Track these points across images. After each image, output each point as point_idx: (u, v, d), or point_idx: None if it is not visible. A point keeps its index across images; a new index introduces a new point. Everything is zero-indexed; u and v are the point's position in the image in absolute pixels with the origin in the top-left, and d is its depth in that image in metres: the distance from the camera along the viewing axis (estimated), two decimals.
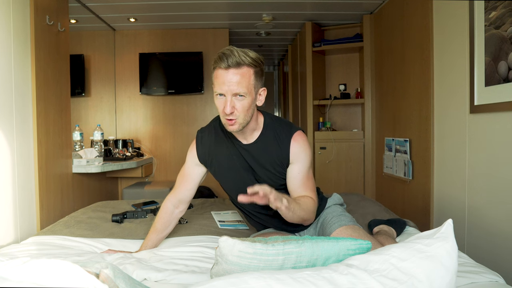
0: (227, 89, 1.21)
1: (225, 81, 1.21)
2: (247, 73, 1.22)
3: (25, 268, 0.70)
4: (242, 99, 1.23)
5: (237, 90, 1.21)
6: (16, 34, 1.94)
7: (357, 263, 0.82)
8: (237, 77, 1.20)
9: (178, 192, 1.53)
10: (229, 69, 1.20)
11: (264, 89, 1.32)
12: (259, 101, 1.32)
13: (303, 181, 1.38)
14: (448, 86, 2.24)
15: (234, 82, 1.20)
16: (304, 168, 1.38)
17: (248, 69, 1.22)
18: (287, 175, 1.40)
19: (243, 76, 1.21)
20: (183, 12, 3.44)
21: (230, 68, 1.20)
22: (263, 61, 1.28)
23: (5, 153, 1.83)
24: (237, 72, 1.21)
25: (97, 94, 3.85)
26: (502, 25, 1.72)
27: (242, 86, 1.21)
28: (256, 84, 1.26)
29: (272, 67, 6.54)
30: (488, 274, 1.12)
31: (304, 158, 1.37)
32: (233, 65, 1.20)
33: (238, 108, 1.24)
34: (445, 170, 2.29)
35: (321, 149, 3.83)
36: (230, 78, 1.20)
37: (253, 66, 1.23)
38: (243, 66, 1.21)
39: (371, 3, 3.31)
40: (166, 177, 3.97)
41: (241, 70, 1.21)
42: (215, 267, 0.95)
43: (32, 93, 2.08)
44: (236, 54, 1.20)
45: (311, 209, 1.36)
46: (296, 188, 1.39)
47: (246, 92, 1.23)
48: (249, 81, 1.23)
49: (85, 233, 1.71)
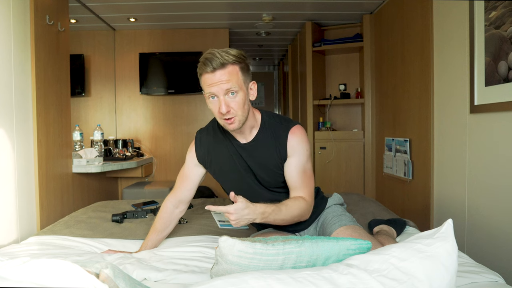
0: (217, 89, 1.22)
1: (214, 82, 1.22)
2: (233, 71, 1.23)
3: (25, 268, 0.70)
4: (235, 96, 1.24)
5: (228, 87, 1.22)
6: (16, 34, 1.94)
7: (357, 263, 0.82)
8: (225, 76, 1.22)
9: (178, 192, 1.53)
10: (215, 71, 1.22)
11: (253, 83, 1.33)
12: (251, 95, 1.32)
13: (300, 175, 1.36)
14: (448, 86, 2.24)
15: (223, 81, 1.22)
16: (300, 162, 1.36)
17: (233, 66, 1.24)
18: (284, 170, 1.38)
19: (230, 74, 1.23)
20: (183, 12, 3.44)
21: (216, 70, 1.21)
22: (245, 56, 1.28)
23: (5, 153, 1.83)
24: (224, 72, 1.22)
25: (97, 94, 3.85)
26: (502, 25, 1.72)
27: (232, 82, 1.22)
28: (244, 79, 1.27)
29: (272, 67, 6.54)
30: (488, 274, 1.12)
31: (301, 151, 1.36)
32: (218, 66, 1.21)
33: (233, 106, 1.24)
34: (445, 170, 2.29)
35: (321, 149, 3.83)
36: (219, 79, 1.22)
37: (237, 62, 1.25)
38: (228, 65, 1.22)
39: (371, 3, 3.31)
40: (166, 177, 3.97)
41: (227, 69, 1.22)
42: (215, 267, 0.95)
43: (32, 93, 2.08)
44: (218, 55, 1.21)
45: (303, 210, 1.33)
46: (292, 183, 1.37)
47: (237, 88, 1.24)
48: (237, 77, 1.24)
49: (85, 233, 1.71)
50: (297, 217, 1.32)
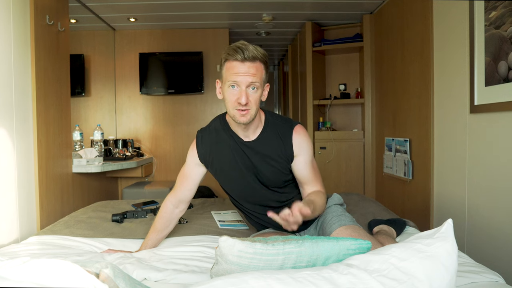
0: (243, 80, 1.26)
1: (241, 72, 1.26)
2: (260, 68, 1.28)
3: (25, 267, 0.70)
4: (255, 92, 1.29)
5: (253, 80, 1.26)
6: (16, 34, 1.94)
7: (357, 263, 0.82)
8: (253, 70, 1.26)
9: (178, 192, 1.53)
10: (245, 62, 1.26)
11: (268, 85, 1.38)
12: (264, 96, 1.36)
13: (311, 171, 1.44)
14: (448, 86, 2.24)
15: (250, 74, 1.26)
16: (308, 158, 1.43)
17: (260, 64, 1.29)
18: (294, 169, 1.44)
19: (257, 69, 1.27)
20: (183, 12, 3.44)
21: (246, 61, 1.25)
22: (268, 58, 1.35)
23: (6, 153, 1.83)
24: (252, 65, 1.26)
25: (97, 94, 3.85)
26: (502, 25, 1.72)
27: (257, 77, 1.27)
28: (265, 79, 1.32)
29: (272, 67, 6.54)
30: (488, 274, 1.12)
31: (307, 148, 1.42)
32: (249, 58, 1.25)
33: (251, 100, 1.28)
34: (445, 170, 2.29)
35: (321, 149, 3.83)
36: (247, 70, 1.26)
37: (264, 62, 1.30)
38: (257, 60, 1.27)
39: (371, 3, 3.31)
40: (166, 177, 3.97)
41: (255, 64, 1.27)
42: (215, 267, 0.95)
43: (32, 93, 2.07)
44: (252, 48, 1.26)
45: (324, 203, 1.44)
46: (307, 181, 1.45)
47: (259, 84, 1.28)
48: (262, 75, 1.29)
49: (85, 232, 1.71)
50: (322, 209, 1.42)
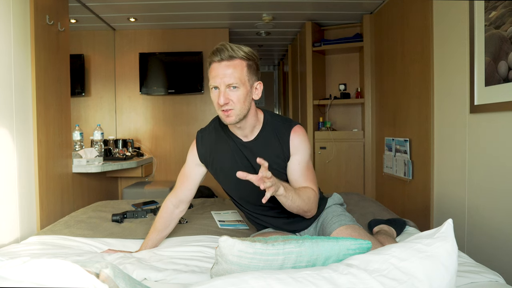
0: (220, 81, 1.25)
1: (219, 73, 1.25)
2: (239, 65, 1.26)
3: (25, 267, 0.70)
4: (236, 90, 1.27)
5: (230, 81, 1.25)
6: (16, 34, 1.94)
7: (357, 263, 0.82)
8: (229, 69, 1.25)
9: (179, 192, 1.53)
10: (221, 62, 1.25)
11: (260, 83, 1.35)
12: (256, 94, 1.34)
13: (303, 171, 1.40)
14: (448, 86, 2.24)
15: (227, 74, 1.25)
16: (303, 159, 1.40)
17: (241, 61, 1.27)
18: (288, 167, 1.41)
19: (235, 67, 1.25)
20: (183, 12, 3.44)
21: (223, 61, 1.25)
22: (256, 56, 1.31)
23: (7, 153, 1.83)
24: (230, 64, 1.25)
25: (97, 94, 3.85)
26: (502, 25, 1.72)
27: (235, 77, 1.25)
28: (250, 77, 1.29)
29: (272, 67, 6.54)
30: (488, 274, 1.12)
31: (304, 149, 1.40)
32: (225, 58, 1.25)
33: (233, 99, 1.27)
34: (445, 170, 2.29)
35: (321, 149, 3.83)
36: (223, 70, 1.25)
37: (246, 59, 1.28)
38: (235, 58, 1.26)
39: (371, 3, 3.31)
40: (166, 177, 3.97)
41: (233, 62, 1.26)
42: (215, 267, 0.95)
43: (32, 93, 2.07)
44: (229, 47, 1.25)
45: (312, 199, 1.36)
46: (296, 178, 1.40)
47: (239, 83, 1.26)
48: (242, 72, 1.27)
49: (85, 232, 1.71)
50: (307, 204, 1.34)
